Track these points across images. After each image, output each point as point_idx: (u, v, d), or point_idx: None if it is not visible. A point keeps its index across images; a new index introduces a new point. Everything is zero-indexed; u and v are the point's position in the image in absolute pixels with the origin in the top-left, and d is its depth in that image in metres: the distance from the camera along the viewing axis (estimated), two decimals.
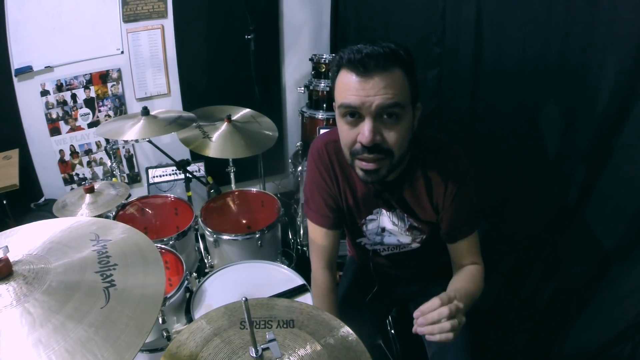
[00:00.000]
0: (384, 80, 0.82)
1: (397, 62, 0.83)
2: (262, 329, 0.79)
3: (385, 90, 0.82)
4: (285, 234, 2.29)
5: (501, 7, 1.47)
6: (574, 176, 1.31)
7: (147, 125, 1.65)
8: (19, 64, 2.14)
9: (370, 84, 0.82)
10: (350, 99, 0.84)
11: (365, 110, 0.84)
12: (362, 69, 0.82)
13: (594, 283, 1.29)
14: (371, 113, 0.83)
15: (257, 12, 2.20)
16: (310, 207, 1.12)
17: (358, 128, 0.86)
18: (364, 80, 0.82)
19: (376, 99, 0.82)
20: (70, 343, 0.58)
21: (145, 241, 0.80)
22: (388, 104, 0.82)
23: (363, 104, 0.83)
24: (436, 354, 1.12)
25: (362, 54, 0.82)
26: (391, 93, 0.82)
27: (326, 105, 2.33)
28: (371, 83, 0.82)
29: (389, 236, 1.12)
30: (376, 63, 0.81)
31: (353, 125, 0.87)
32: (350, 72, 0.84)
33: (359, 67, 0.82)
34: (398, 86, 0.83)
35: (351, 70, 0.84)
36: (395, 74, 0.83)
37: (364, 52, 0.82)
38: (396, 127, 0.86)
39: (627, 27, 1.09)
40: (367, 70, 0.82)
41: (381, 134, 0.86)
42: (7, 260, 0.65)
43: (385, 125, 0.85)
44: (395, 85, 0.83)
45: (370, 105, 0.82)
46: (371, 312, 1.25)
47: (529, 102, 1.42)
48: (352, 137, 0.88)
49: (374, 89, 0.82)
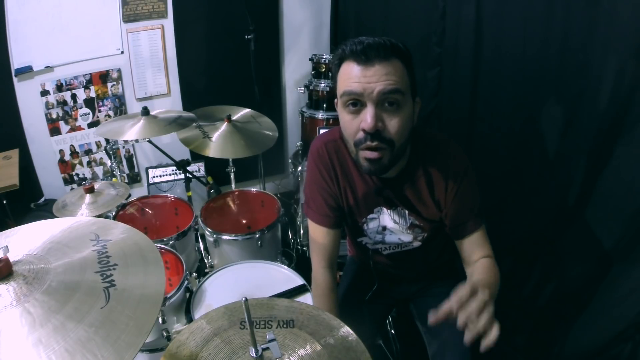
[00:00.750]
0: (385, 68, 0.85)
1: (396, 54, 0.87)
2: (262, 329, 0.79)
3: (386, 77, 0.85)
4: (285, 234, 2.29)
5: (501, 7, 1.46)
6: (574, 176, 1.31)
7: (147, 125, 1.65)
8: (19, 64, 2.14)
9: (372, 71, 0.85)
10: (353, 86, 0.86)
11: (367, 97, 0.86)
12: (364, 57, 0.85)
13: (594, 283, 1.29)
14: (373, 100, 0.86)
15: (257, 12, 2.20)
16: (310, 206, 1.12)
17: (360, 117, 0.89)
18: (365, 68, 0.86)
19: (378, 85, 0.85)
20: (70, 343, 0.58)
21: (145, 241, 0.80)
22: (389, 90, 0.85)
23: (365, 90, 0.85)
24: (436, 354, 1.13)
25: (363, 44, 0.86)
26: (392, 80, 0.85)
27: (326, 105, 2.33)
28: (372, 70, 0.85)
29: (390, 235, 1.12)
30: (377, 52, 0.85)
31: (355, 115, 0.90)
32: (352, 62, 0.87)
33: (360, 56, 0.86)
34: (398, 74, 0.87)
35: (353, 60, 0.87)
36: (395, 64, 0.86)
37: (365, 43, 0.86)
38: (397, 115, 0.88)
39: (627, 27, 1.08)
40: (369, 59, 0.85)
41: (382, 121, 0.88)
42: (7, 260, 0.65)
43: (387, 113, 0.88)
44: (396, 73, 0.86)
45: (372, 91, 0.85)
46: (371, 312, 1.25)
47: (529, 102, 1.42)
48: (355, 127, 0.90)
49: (375, 76, 0.85)
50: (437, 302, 1.21)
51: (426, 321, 1.22)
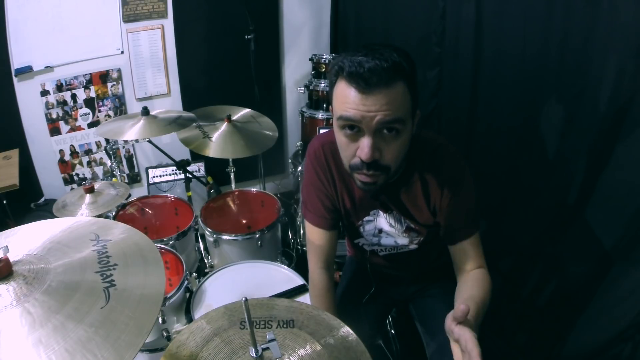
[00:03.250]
0: (386, 97, 0.80)
1: (399, 76, 0.81)
2: (262, 329, 0.79)
3: (387, 106, 0.80)
4: (285, 234, 2.29)
5: (501, 7, 1.46)
6: (574, 176, 1.31)
7: (147, 125, 1.65)
8: (19, 64, 2.14)
9: (371, 100, 0.80)
10: (351, 113, 0.82)
11: (366, 125, 0.82)
12: (364, 84, 0.79)
13: (594, 283, 1.29)
14: (371, 128, 0.82)
15: (257, 12, 2.20)
16: (308, 208, 1.12)
17: (357, 143, 0.85)
18: (364, 96, 0.80)
19: (377, 114, 0.80)
20: (70, 343, 0.58)
21: (145, 241, 0.80)
22: (389, 120, 0.81)
23: (363, 118, 0.81)
24: (435, 354, 1.12)
25: (364, 68, 0.79)
26: (392, 109, 0.80)
27: (326, 105, 2.33)
28: (372, 99, 0.80)
29: (386, 237, 1.12)
30: (378, 79, 0.78)
31: (352, 139, 0.86)
32: (351, 86, 0.81)
33: (359, 82, 0.79)
34: (400, 101, 0.81)
35: (352, 84, 0.81)
36: (397, 89, 0.81)
37: (365, 67, 0.79)
38: (395, 142, 0.85)
39: (627, 27, 1.08)
40: (369, 86, 0.79)
41: (380, 150, 0.85)
42: (7, 260, 0.65)
43: (385, 140, 0.85)
44: (397, 101, 0.81)
45: (371, 120, 0.81)
46: (371, 312, 1.25)
47: (529, 102, 1.42)
48: (352, 151, 0.87)
49: (375, 106, 0.80)
50: (436, 303, 1.22)
51: (425, 321, 1.22)
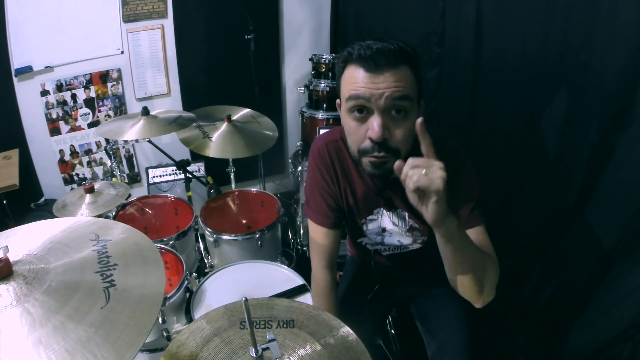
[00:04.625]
0: (394, 75, 0.83)
1: (405, 60, 0.85)
2: (262, 329, 0.79)
3: (395, 84, 0.83)
4: (285, 234, 2.29)
5: (501, 7, 1.46)
6: (574, 176, 1.31)
7: (147, 125, 1.65)
8: (19, 64, 2.14)
9: (381, 78, 0.83)
10: (360, 90, 0.84)
11: (374, 103, 0.84)
12: (373, 64, 0.83)
13: (594, 283, 1.29)
14: (380, 107, 0.84)
15: (257, 13, 2.20)
16: (310, 206, 1.12)
17: (366, 124, 0.87)
18: (374, 75, 0.83)
19: (386, 91, 0.82)
20: (70, 343, 0.58)
21: (145, 241, 0.80)
22: (398, 96, 0.83)
23: (372, 95, 0.83)
24: (436, 354, 1.12)
25: (372, 50, 0.83)
26: (401, 87, 0.83)
27: (326, 105, 2.33)
28: (381, 78, 0.83)
29: (390, 236, 1.12)
30: (387, 60, 0.82)
31: (361, 122, 0.88)
32: (360, 67, 0.85)
33: (369, 62, 0.83)
34: (407, 80, 0.84)
35: (361, 66, 0.84)
36: (404, 70, 0.84)
37: (374, 48, 0.83)
38: (404, 123, 0.86)
39: (627, 27, 1.08)
40: (378, 66, 0.82)
41: (389, 130, 0.86)
42: (7, 260, 0.65)
43: (394, 122, 0.86)
44: (405, 80, 0.84)
45: (380, 97, 0.83)
46: (371, 312, 1.25)
47: (529, 102, 1.42)
48: (361, 134, 0.88)
49: (384, 83, 0.83)
50: (437, 303, 1.22)
51: (426, 321, 1.22)
